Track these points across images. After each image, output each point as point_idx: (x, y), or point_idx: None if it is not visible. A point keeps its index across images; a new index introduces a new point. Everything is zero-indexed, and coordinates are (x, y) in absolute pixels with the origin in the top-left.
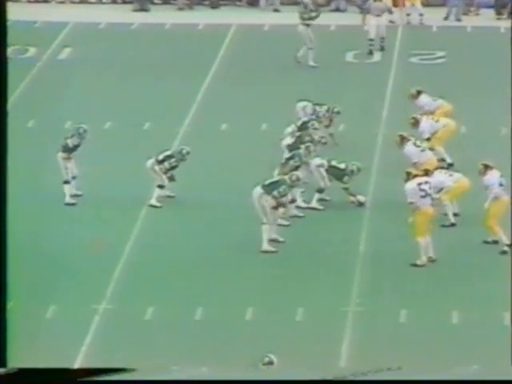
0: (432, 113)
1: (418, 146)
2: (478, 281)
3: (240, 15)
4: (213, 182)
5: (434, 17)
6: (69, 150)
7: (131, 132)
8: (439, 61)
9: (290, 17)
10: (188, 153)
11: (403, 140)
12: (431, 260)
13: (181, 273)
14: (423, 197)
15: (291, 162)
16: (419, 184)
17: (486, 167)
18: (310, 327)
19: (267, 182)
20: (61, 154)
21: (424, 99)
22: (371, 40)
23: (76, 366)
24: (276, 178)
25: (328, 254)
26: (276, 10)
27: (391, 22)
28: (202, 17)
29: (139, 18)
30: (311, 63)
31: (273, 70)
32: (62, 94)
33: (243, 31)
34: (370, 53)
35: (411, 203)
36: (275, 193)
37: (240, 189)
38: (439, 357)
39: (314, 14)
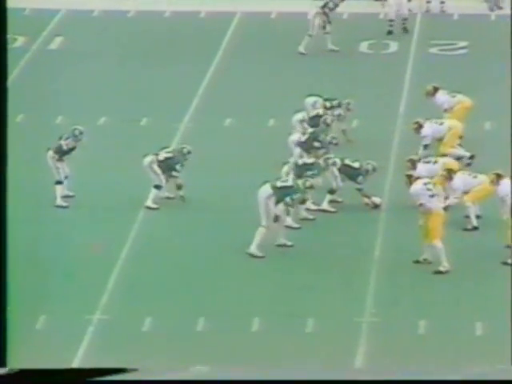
0: (451, 109)
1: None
2: (503, 289)
3: (245, 2)
4: (215, 183)
5: (456, 4)
6: (62, 153)
7: (127, 128)
8: (461, 51)
9: (299, 3)
10: (189, 152)
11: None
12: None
13: (181, 280)
14: (431, 196)
15: (308, 173)
16: (425, 184)
17: (499, 176)
18: (320, 339)
19: (279, 185)
20: (51, 154)
21: (441, 97)
22: (391, 21)
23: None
24: (289, 183)
25: (340, 260)
26: None
27: (409, 10)
28: (204, 4)
29: (136, 5)
30: (331, 47)
31: (280, 61)
32: (53, 86)
33: (248, 19)
34: (390, 33)
35: (421, 205)
36: (288, 199)
37: (245, 190)
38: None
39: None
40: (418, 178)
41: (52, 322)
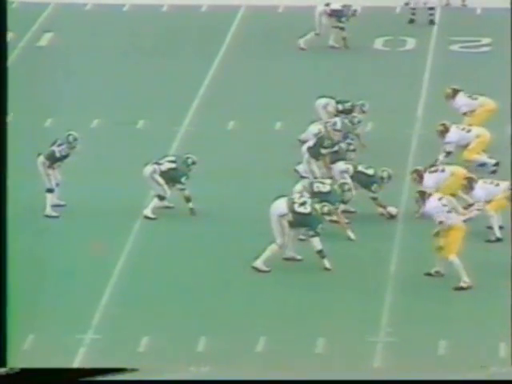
0: (473, 112)
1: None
2: None
3: None
4: (217, 191)
5: None
6: (54, 159)
7: (122, 131)
8: (484, 49)
9: None
10: (194, 163)
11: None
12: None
13: (180, 296)
14: (449, 212)
15: (323, 196)
16: (439, 199)
17: None
18: (331, 361)
19: (297, 209)
20: (42, 160)
21: (461, 99)
22: (413, 9)
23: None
24: (307, 210)
25: (353, 274)
26: None
27: (425, 3)
28: None
29: None
30: (331, 43)
31: (288, 60)
32: (42, 86)
33: (254, 14)
34: (411, 21)
35: (441, 222)
36: (309, 232)
37: (250, 199)
38: None
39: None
40: (430, 194)
41: (40, 342)
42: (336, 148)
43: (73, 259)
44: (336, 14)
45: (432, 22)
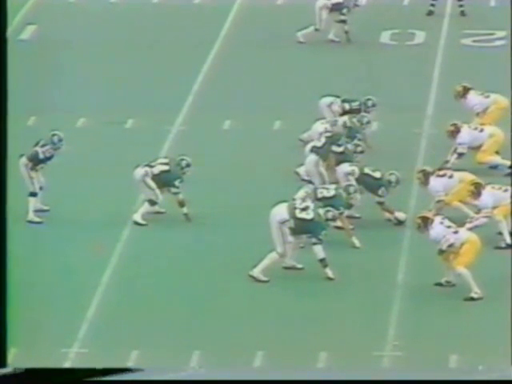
0: (485, 111)
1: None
2: None
3: None
4: (213, 195)
5: None
6: (37, 161)
7: (110, 131)
8: (498, 43)
9: None
10: (188, 165)
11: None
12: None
13: (172, 308)
14: (456, 232)
15: (327, 202)
16: (442, 222)
17: None
18: (334, 377)
19: (298, 215)
20: (25, 162)
21: (473, 99)
22: (434, 0)
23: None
24: (310, 216)
25: (358, 284)
26: None
27: None
28: None
29: None
30: (331, 37)
31: (287, 55)
32: (24, 82)
33: (250, 6)
34: (430, 13)
35: (451, 246)
36: (313, 239)
37: (246, 203)
38: None
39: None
40: (432, 220)
41: (21, 357)
42: (342, 149)
43: (56, 269)
44: (337, 8)
45: (462, 14)
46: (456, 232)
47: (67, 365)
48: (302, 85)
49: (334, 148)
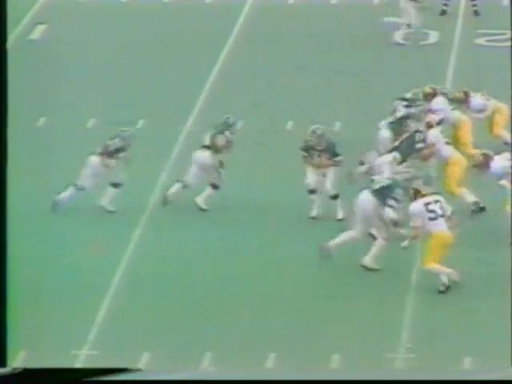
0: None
1: None
2: None
3: None
4: (225, 196)
5: None
6: (110, 154)
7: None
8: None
9: None
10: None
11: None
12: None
13: (184, 308)
14: (433, 219)
15: (391, 196)
16: (427, 204)
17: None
18: (346, 377)
19: (377, 187)
20: (95, 159)
21: (476, 101)
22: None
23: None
24: (386, 182)
25: (370, 285)
26: None
27: None
28: None
29: None
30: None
31: (300, 55)
32: (34, 82)
33: (263, 5)
34: (443, 13)
35: (414, 227)
36: (391, 202)
37: (258, 204)
38: None
39: None
40: (423, 194)
41: (32, 359)
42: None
43: (59, 266)
44: None
45: (476, 13)
46: (433, 219)
47: (77, 367)
48: (313, 85)
49: (418, 144)
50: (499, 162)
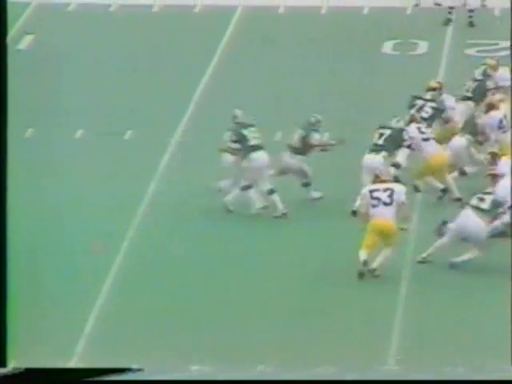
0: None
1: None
2: None
3: None
4: (214, 207)
5: None
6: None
7: (108, 143)
8: (502, 53)
9: None
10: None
11: None
12: (374, 275)
13: (172, 318)
14: (375, 206)
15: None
16: (372, 191)
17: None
18: (334, 377)
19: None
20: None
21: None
22: (451, 8)
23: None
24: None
25: (358, 293)
26: None
27: (437, 4)
28: None
29: None
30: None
31: (288, 65)
32: (22, 92)
33: (252, 15)
34: (447, 22)
35: (359, 212)
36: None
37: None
38: None
39: None
40: (383, 181)
41: (32, 359)
42: None
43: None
44: None
45: (471, 25)
46: (375, 206)
47: (67, 365)
48: (302, 95)
49: None
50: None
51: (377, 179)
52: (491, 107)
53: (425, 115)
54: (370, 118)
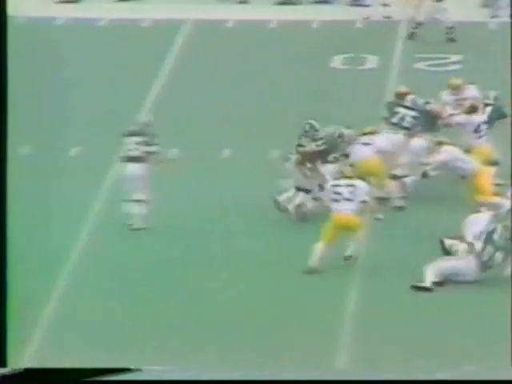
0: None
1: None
2: None
3: (197, 8)
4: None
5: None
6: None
7: (56, 159)
8: (454, 67)
9: (261, 9)
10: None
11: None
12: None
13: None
14: (336, 200)
15: None
16: (335, 186)
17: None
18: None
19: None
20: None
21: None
22: (419, 24)
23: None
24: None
25: (306, 288)
26: (243, 2)
27: (386, 17)
28: (149, 10)
29: (65, 12)
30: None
31: (236, 79)
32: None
33: (201, 28)
34: (411, 36)
35: (314, 198)
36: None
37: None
38: None
39: None
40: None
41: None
42: None
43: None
44: None
45: (452, 40)
46: (337, 201)
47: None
48: (248, 112)
49: None
50: None
51: (341, 174)
52: (474, 109)
53: (407, 125)
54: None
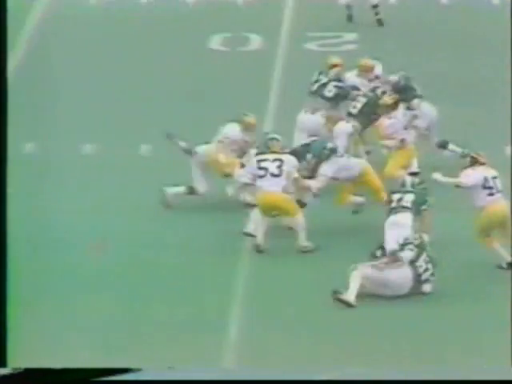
0: None
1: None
2: None
3: None
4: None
5: None
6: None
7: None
8: (348, 47)
9: None
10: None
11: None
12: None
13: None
14: (261, 177)
15: None
16: (260, 161)
17: None
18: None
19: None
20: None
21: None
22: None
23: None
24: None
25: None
26: None
27: None
28: None
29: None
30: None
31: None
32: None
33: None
34: (349, 18)
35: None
36: None
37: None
38: None
39: None
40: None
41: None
42: None
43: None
44: None
45: (380, 23)
46: (262, 176)
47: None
48: (126, 98)
49: None
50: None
51: (268, 150)
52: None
53: (328, 94)
54: (204, 121)
